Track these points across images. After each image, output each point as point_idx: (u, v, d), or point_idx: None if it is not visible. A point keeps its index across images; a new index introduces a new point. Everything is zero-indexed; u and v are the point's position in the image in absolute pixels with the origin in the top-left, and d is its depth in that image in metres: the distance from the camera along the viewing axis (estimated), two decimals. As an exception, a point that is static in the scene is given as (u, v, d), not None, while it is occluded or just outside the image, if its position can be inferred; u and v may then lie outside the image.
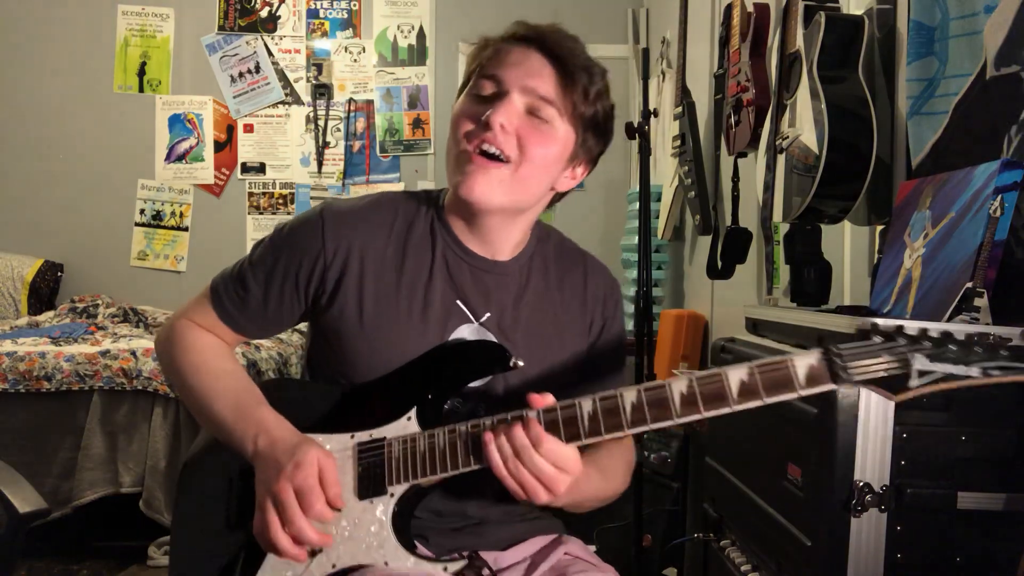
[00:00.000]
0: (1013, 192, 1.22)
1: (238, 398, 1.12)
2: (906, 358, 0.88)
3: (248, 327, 1.20)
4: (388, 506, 1.04)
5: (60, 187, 4.45)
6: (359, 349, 1.13)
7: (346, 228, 1.15)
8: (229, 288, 1.18)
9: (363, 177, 4.50)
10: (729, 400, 0.91)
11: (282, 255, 1.15)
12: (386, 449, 1.05)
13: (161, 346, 1.22)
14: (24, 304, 4.12)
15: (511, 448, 0.96)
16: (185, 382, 1.16)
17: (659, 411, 0.93)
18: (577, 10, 4.47)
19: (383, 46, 4.53)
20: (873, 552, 1.09)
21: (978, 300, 1.20)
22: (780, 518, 1.26)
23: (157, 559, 2.84)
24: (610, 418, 0.95)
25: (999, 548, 1.09)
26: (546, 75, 1.12)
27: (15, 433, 2.82)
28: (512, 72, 1.13)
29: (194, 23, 4.48)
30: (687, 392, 0.93)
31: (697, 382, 0.92)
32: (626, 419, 0.94)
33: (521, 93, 1.12)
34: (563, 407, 0.97)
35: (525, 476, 0.96)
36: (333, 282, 1.14)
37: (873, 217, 1.76)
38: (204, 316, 1.19)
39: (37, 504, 1.29)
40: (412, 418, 1.06)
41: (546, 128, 1.12)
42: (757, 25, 2.27)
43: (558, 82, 1.12)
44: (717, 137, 2.67)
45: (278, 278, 1.15)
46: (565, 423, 0.96)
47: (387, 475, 1.04)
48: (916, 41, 1.54)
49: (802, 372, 0.89)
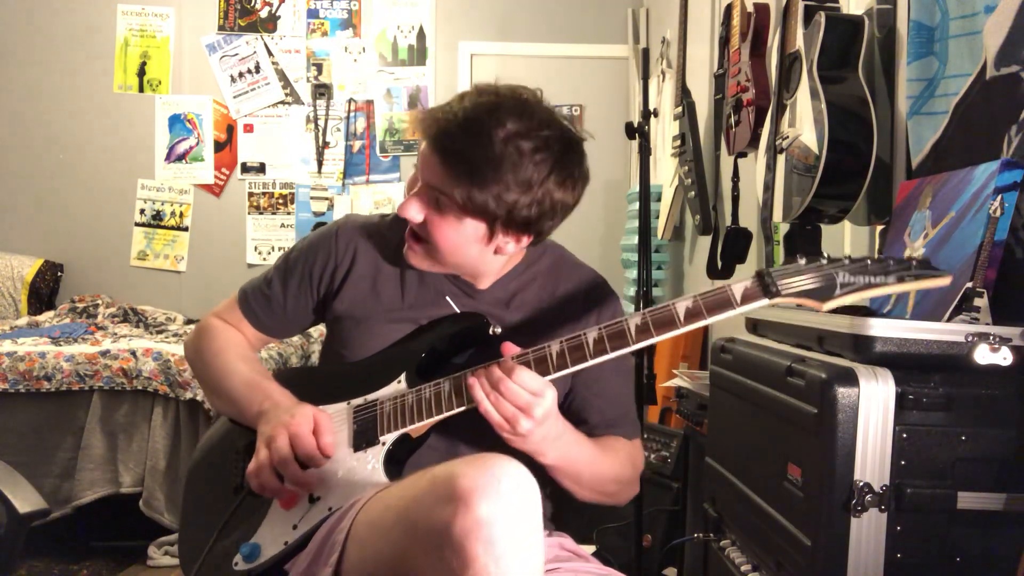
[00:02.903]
0: (1013, 192, 1.22)
1: (251, 376, 1.25)
2: (830, 272, 1.01)
3: (269, 324, 1.34)
4: (380, 453, 1.13)
5: (60, 187, 4.45)
6: (357, 331, 1.26)
7: (356, 234, 1.29)
8: (256, 291, 1.34)
9: (363, 177, 4.50)
10: (677, 323, 1.04)
11: (301, 259, 1.30)
12: (379, 407, 1.16)
13: (191, 341, 1.37)
14: (24, 304, 4.12)
15: (488, 383, 1.05)
16: (205, 364, 1.30)
17: (618, 341, 1.06)
18: (577, 10, 4.48)
19: (383, 46, 4.53)
20: (873, 552, 1.09)
21: (978, 300, 1.20)
22: (780, 518, 1.26)
23: (157, 559, 2.84)
24: (575, 352, 1.07)
25: (999, 548, 1.09)
26: (435, 168, 1.13)
27: (15, 433, 2.82)
28: (420, 162, 1.17)
29: (194, 23, 4.48)
30: (641, 322, 1.06)
31: (649, 313, 1.05)
32: (588, 351, 1.06)
33: (426, 184, 1.16)
34: (534, 351, 1.09)
35: (504, 405, 1.04)
36: (341, 278, 1.28)
37: (873, 217, 1.76)
38: (231, 315, 1.35)
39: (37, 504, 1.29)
40: (402, 382, 1.18)
41: (443, 219, 1.15)
42: (757, 25, 2.27)
43: (445, 176, 1.12)
44: (717, 137, 2.67)
45: (296, 278, 1.30)
46: (536, 362, 1.08)
47: (379, 427, 1.15)
48: (916, 41, 1.54)
49: (738, 293, 1.03)
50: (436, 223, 1.16)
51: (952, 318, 1.21)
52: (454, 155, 1.11)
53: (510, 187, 1.10)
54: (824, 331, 1.25)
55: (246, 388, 1.23)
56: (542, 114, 1.13)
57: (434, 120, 1.13)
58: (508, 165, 1.09)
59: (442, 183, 1.12)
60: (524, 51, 4.49)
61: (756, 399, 1.36)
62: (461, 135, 1.10)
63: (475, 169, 1.09)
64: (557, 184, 1.13)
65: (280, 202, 4.51)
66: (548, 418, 1.07)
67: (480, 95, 1.13)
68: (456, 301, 1.26)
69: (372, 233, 1.30)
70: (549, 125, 1.12)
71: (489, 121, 1.09)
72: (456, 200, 1.11)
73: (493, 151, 1.09)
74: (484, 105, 1.11)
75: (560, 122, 1.15)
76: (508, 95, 1.13)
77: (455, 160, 1.10)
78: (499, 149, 1.09)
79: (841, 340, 1.19)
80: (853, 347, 1.15)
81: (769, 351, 1.39)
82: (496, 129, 1.09)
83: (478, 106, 1.11)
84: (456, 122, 1.11)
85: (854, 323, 1.15)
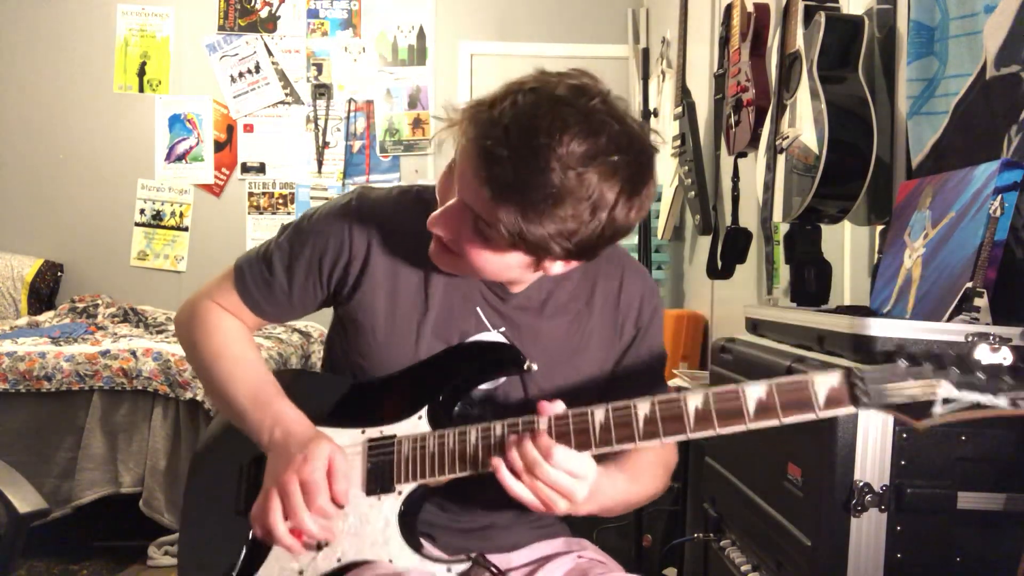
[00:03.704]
0: (1013, 192, 1.22)
1: (257, 387, 1.11)
2: (932, 384, 0.86)
3: (270, 311, 1.19)
4: (395, 504, 1.04)
5: (60, 187, 4.45)
6: (376, 344, 1.12)
7: (374, 222, 1.12)
8: (255, 270, 1.16)
9: (363, 177, 4.50)
10: (745, 418, 0.89)
11: (308, 242, 1.13)
12: (396, 447, 1.05)
13: (183, 325, 1.22)
14: (24, 304, 4.12)
15: (522, 463, 0.93)
16: (205, 365, 1.16)
17: (672, 425, 0.92)
18: (577, 10, 4.48)
19: (383, 46, 4.53)
20: (873, 552, 1.09)
21: (978, 300, 1.20)
22: (780, 518, 1.26)
23: (157, 559, 2.83)
24: (622, 430, 0.93)
25: (999, 548, 1.09)
26: (477, 192, 0.92)
27: (15, 433, 2.82)
28: (459, 176, 0.96)
29: (194, 23, 4.48)
30: (702, 408, 0.91)
31: (713, 398, 0.91)
32: (638, 431, 0.93)
33: (464, 204, 0.96)
34: (574, 415, 0.95)
35: (541, 489, 0.93)
36: (355, 275, 1.12)
37: (873, 217, 1.76)
38: (227, 297, 1.18)
39: (37, 504, 1.29)
40: (423, 417, 1.06)
41: (484, 245, 0.97)
42: (757, 25, 2.27)
43: (489, 203, 0.91)
44: (717, 137, 2.67)
45: (303, 265, 1.13)
46: (576, 432, 0.94)
47: (396, 473, 1.04)
48: (916, 41, 1.54)
49: (822, 394, 0.88)
50: (474, 249, 0.98)
51: (952, 318, 1.21)
52: (501, 184, 0.89)
53: (567, 222, 0.90)
54: (824, 331, 1.25)
55: (252, 404, 1.10)
56: (612, 128, 0.89)
57: (478, 130, 0.90)
58: (569, 199, 0.89)
59: (486, 211, 0.92)
60: (524, 51, 4.49)
61: (756, 399, 1.36)
62: (512, 159, 0.87)
63: (527, 203, 0.89)
64: (624, 210, 0.93)
65: (280, 202, 4.51)
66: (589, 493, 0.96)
67: (536, 98, 0.89)
68: (487, 308, 1.12)
69: (389, 219, 1.12)
70: (619, 144, 0.89)
71: (548, 142, 0.87)
72: (502, 233, 0.91)
73: (551, 182, 0.87)
74: (541, 117, 0.87)
75: (632, 135, 0.91)
76: (570, 100, 0.89)
77: (502, 189, 0.89)
78: (559, 180, 0.87)
79: (841, 340, 1.19)
80: (853, 347, 1.15)
81: (769, 351, 1.39)
82: (556, 152, 0.87)
83: (533, 117, 0.88)
84: (506, 140, 0.88)
85: (854, 323, 1.15)
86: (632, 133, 0.91)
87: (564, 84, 0.91)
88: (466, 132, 0.92)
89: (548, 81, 0.92)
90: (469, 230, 0.96)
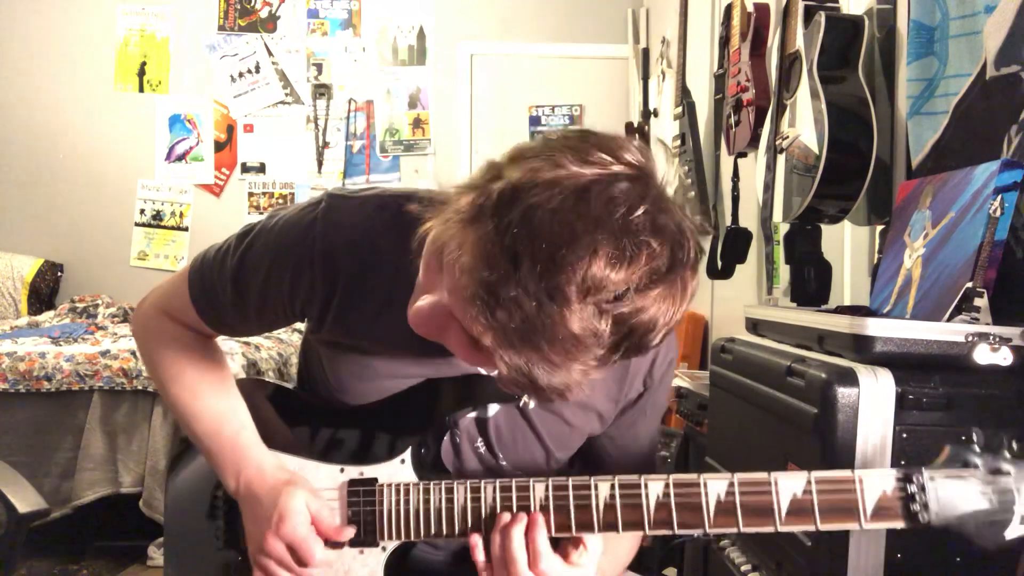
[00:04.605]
0: (1013, 192, 1.22)
1: (218, 424, 1.03)
2: (1009, 499, 0.70)
3: (228, 329, 1.09)
4: (379, 560, 0.96)
5: (60, 187, 4.45)
6: (350, 378, 1.01)
7: (344, 246, 0.95)
8: (212, 285, 1.03)
9: (363, 177, 4.51)
10: (776, 518, 0.79)
11: (272, 275, 0.98)
12: (377, 496, 0.95)
13: (139, 338, 1.12)
14: (24, 304, 4.12)
15: (500, 554, 0.84)
16: (164, 388, 1.08)
17: (688, 515, 0.81)
18: (577, 10, 4.48)
19: (383, 46, 4.53)
20: (873, 552, 1.09)
21: (978, 300, 1.20)
22: (780, 518, 1.26)
23: (157, 559, 2.83)
24: (629, 513, 0.83)
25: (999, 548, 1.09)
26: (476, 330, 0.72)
27: (15, 433, 2.82)
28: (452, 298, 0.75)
29: (194, 23, 4.48)
30: (725, 499, 0.80)
31: (739, 487, 0.80)
32: (649, 517, 0.82)
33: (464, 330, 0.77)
34: (576, 487, 0.84)
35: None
36: (332, 308, 0.97)
37: (873, 217, 1.76)
38: (183, 310, 1.05)
39: (37, 504, 1.30)
40: (406, 461, 0.96)
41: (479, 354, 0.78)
42: (757, 25, 2.26)
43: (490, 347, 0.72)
44: (717, 137, 2.67)
45: (264, 297, 1.00)
46: (577, 509, 0.84)
47: (379, 528, 0.95)
48: (916, 41, 1.54)
49: (871, 501, 0.76)
50: (467, 354, 0.80)
51: (952, 318, 1.21)
52: (506, 331, 0.69)
53: (588, 369, 0.73)
54: (824, 331, 1.24)
55: (215, 443, 1.01)
56: (651, 248, 0.68)
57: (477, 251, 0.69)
58: (593, 346, 0.70)
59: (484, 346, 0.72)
60: (524, 51, 4.48)
61: (756, 399, 1.36)
62: (521, 302, 0.67)
63: (540, 356, 0.70)
64: (658, 330, 0.73)
65: (280, 202, 4.51)
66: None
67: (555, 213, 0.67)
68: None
69: (363, 241, 0.94)
70: (657, 270, 0.69)
71: (570, 278, 0.66)
72: (505, 374, 0.73)
73: (571, 332, 0.68)
74: (565, 245, 0.66)
75: (674, 249, 0.70)
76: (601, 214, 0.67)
77: (507, 337, 0.69)
78: (580, 327, 0.68)
79: (841, 340, 1.19)
80: (853, 347, 1.15)
81: (769, 351, 1.39)
82: (580, 289, 0.67)
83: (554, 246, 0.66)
84: (516, 275, 0.67)
85: (854, 323, 1.15)
86: (675, 246, 0.70)
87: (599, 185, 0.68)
88: (464, 239, 0.70)
89: (572, 177, 0.68)
90: (461, 336, 0.77)
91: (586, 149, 0.70)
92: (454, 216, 0.72)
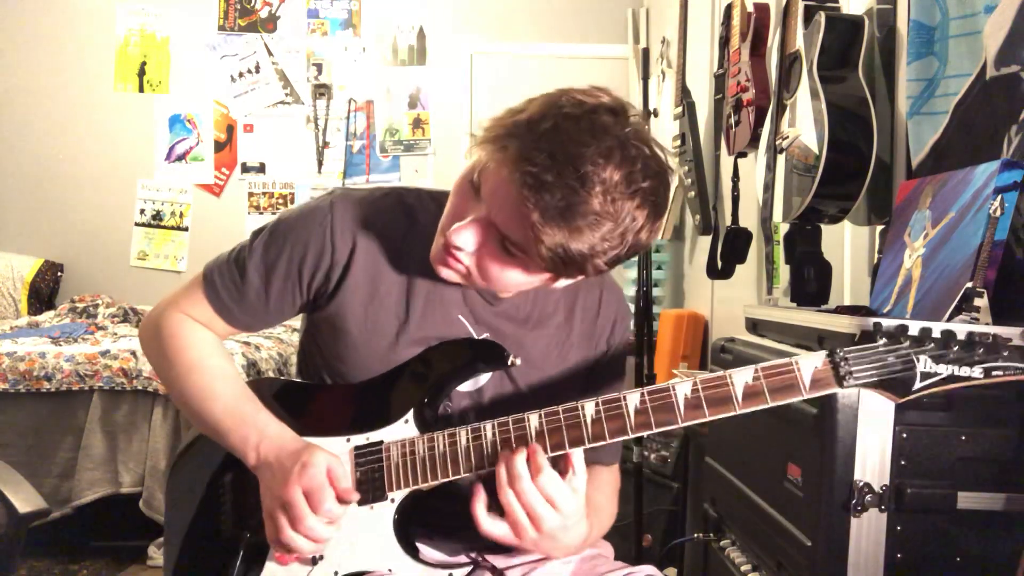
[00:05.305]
0: (1013, 192, 1.22)
1: (237, 402, 1.08)
2: (910, 360, 0.90)
3: (243, 319, 1.14)
4: (389, 512, 1.02)
5: (60, 187, 4.45)
6: (354, 349, 1.10)
7: (355, 225, 1.09)
8: (226, 277, 1.12)
9: (363, 177, 4.51)
10: (734, 403, 0.92)
11: (286, 247, 1.09)
12: (384, 453, 1.03)
13: (150, 341, 1.17)
14: (24, 304, 4.12)
15: (506, 475, 0.95)
16: (179, 380, 1.11)
17: (663, 415, 0.94)
18: (577, 10, 4.48)
19: (383, 46, 4.53)
20: (873, 552, 1.09)
21: (978, 300, 1.20)
22: (780, 518, 1.26)
23: (157, 559, 2.83)
24: (614, 422, 0.95)
25: (999, 548, 1.09)
26: (514, 212, 0.91)
27: (15, 433, 2.82)
28: (491, 195, 0.95)
29: (194, 23, 4.48)
30: (691, 396, 0.93)
31: (702, 385, 0.93)
32: (630, 423, 0.94)
33: (494, 225, 0.96)
34: (565, 411, 0.96)
35: (512, 506, 0.95)
36: (336, 280, 1.09)
37: (873, 217, 1.76)
38: (196, 307, 1.13)
39: (37, 504, 1.30)
40: (409, 421, 1.04)
41: (509, 264, 0.98)
42: (757, 25, 2.26)
43: (527, 225, 0.91)
44: (717, 137, 2.67)
45: (281, 271, 1.09)
46: (568, 427, 0.96)
47: (387, 480, 1.02)
48: (916, 41, 1.54)
49: (807, 375, 0.91)
50: (496, 263, 0.98)
51: (952, 318, 1.21)
52: (551, 208, 0.88)
53: (605, 243, 0.92)
54: (824, 331, 1.25)
55: (234, 419, 1.06)
56: (644, 154, 0.92)
57: (520, 153, 0.89)
58: (608, 223, 0.91)
59: (521, 233, 0.92)
60: (524, 51, 4.49)
61: (756, 399, 1.36)
62: (559, 185, 0.88)
63: (574, 227, 0.89)
64: (647, 233, 0.95)
65: (280, 202, 4.51)
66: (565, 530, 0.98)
67: (578, 125, 0.90)
68: (470, 315, 1.12)
69: (371, 222, 1.10)
70: (648, 172, 0.92)
71: (594, 170, 0.88)
72: (542, 254, 0.92)
73: (595, 207, 0.89)
74: (586, 145, 0.89)
75: (658, 161, 0.95)
76: (609, 127, 0.91)
77: (551, 212, 0.89)
78: (600, 205, 0.89)
79: (841, 340, 1.19)
80: (853, 347, 1.15)
81: (769, 351, 1.39)
82: (600, 178, 0.89)
83: (579, 144, 0.89)
84: (553, 166, 0.88)
85: (854, 323, 1.15)
86: (658, 159, 0.95)
87: (601, 108, 0.92)
88: (505, 153, 0.91)
89: (584, 104, 0.92)
90: (494, 246, 0.97)
91: (579, 89, 0.95)
92: (487, 142, 0.93)
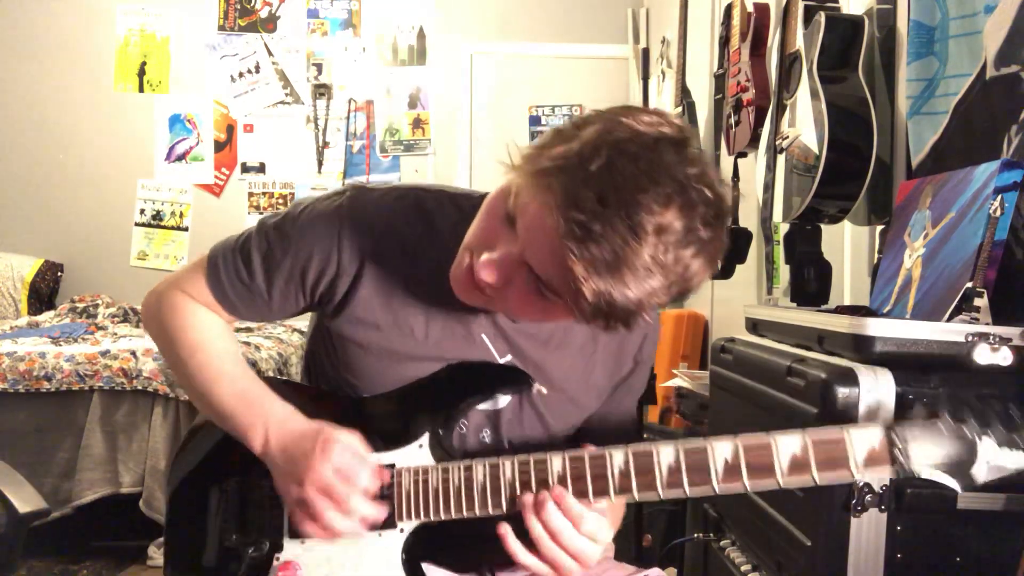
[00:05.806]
0: (1013, 192, 1.22)
1: (243, 384, 1.03)
2: (973, 445, 0.82)
3: (246, 314, 1.09)
4: (398, 541, 0.98)
5: (60, 187, 4.45)
6: (368, 363, 1.04)
7: (368, 231, 1.01)
8: (231, 269, 1.06)
9: (363, 177, 4.51)
10: (777, 474, 0.85)
11: (291, 248, 1.02)
12: (395, 480, 0.97)
13: (153, 318, 1.11)
14: (24, 304, 4.12)
15: (545, 531, 0.89)
16: (182, 361, 1.07)
17: (698, 476, 0.87)
18: (577, 10, 4.48)
19: (383, 46, 4.53)
20: (873, 552, 1.09)
21: (978, 300, 1.20)
22: (780, 518, 1.26)
23: (157, 559, 2.83)
24: (643, 477, 0.88)
25: (999, 548, 1.09)
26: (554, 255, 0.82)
27: (15, 433, 2.82)
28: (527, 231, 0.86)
29: (194, 23, 4.48)
30: (732, 460, 0.86)
31: (744, 448, 0.86)
32: (661, 480, 0.87)
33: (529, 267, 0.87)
34: (592, 458, 0.90)
35: (560, 557, 0.89)
36: (344, 290, 1.02)
37: (873, 217, 1.76)
38: (200, 293, 1.07)
39: (37, 504, 1.30)
40: (424, 446, 0.99)
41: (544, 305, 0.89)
42: (757, 25, 2.26)
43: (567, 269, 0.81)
44: (717, 137, 2.67)
45: (283, 273, 1.03)
46: (594, 478, 0.89)
47: (397, 507, 0.97)
48: (916, 41, 1.54)
49: (861, 455, 0.84)
50: (526, 305, 0.90)
51: (952, 318, 1.21)
52: (596, 262, 0.79)
53: (656, 295, 0.84)
54: (824, 331, 1.25)
55: (239, 403, 1.02)
56: (703, 196, 0.81)
57: (566, 195, 0.79)
58: (660, 275, 0.81)
59: (560, 282, 0.82)
60: (524, 51, 4.49)
61: (756, 399, 1.36)
62: (608, 236, 0.78)
63: (622, 281, 0.80)
64: (698, 279, 0.86)
65: (280, 202, 4.51)
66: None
67: (636, 165, 0.79)
68: (492, 333, 1.04)
69: (385, 228, 1.02)
70: (708, 219, 0.82)
71: (650, 218, 0.78)
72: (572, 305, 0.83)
73: (648, 261, 0.80)
74: (643, 191, 0.78)
75: (719, 205, 0.83)
76: (670, 167, 0.80)
77: (596, 266, 0.79)
78: (654, 258, 0.80)
79: (841, 340, 1.19)
80: (853, 347, 1.15)
81: (769, 351, 1.39)
82: (657, 227, 0.79)
83: (636, 191, 0.78)
84: (603, 214, 0.78)
85: (854, 323, 1.15)
86: (719, 203, 0.84)
87: (663, 142, 0.81)
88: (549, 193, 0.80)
89: (642, 137, 0.81)
90: (525, 284, 0.87)
91: (636, 113, 0.83)
92: (530, 170, 0.83)
